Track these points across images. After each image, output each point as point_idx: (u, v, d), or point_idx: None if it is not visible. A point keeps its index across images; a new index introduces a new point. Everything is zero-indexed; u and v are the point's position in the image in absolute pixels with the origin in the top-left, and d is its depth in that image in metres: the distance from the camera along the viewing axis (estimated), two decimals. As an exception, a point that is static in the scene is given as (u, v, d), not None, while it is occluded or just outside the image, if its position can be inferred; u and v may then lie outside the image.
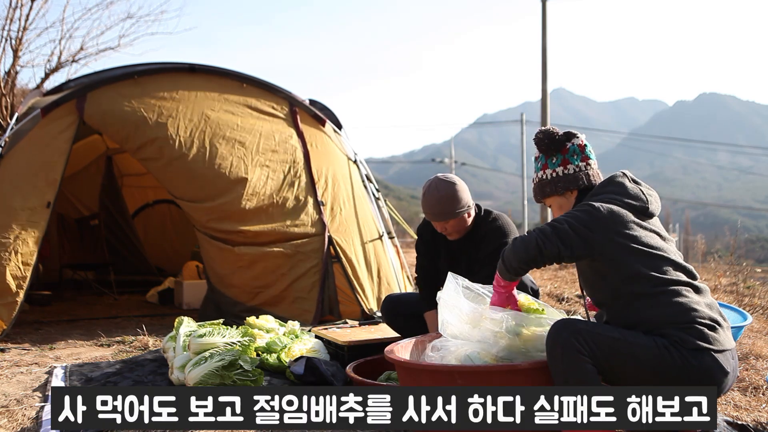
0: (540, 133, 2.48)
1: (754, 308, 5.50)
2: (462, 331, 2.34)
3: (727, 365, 2.11)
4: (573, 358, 2.07)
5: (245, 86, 5.30)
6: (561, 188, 2.43)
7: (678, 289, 2.16)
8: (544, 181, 2.48)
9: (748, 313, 3.76)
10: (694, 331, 2.09)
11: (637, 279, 2.17)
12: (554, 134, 2.46)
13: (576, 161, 2.42)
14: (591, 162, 2.45)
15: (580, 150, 2.44)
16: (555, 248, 2.17)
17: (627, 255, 2.18)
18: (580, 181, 2.41)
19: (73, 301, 6.56)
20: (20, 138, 4.73)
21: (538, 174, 2.51)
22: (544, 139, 2.46)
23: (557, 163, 2.44)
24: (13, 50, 9.83)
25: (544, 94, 16.64)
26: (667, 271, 2.18)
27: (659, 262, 2.19)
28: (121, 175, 8.11)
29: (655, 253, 2.20)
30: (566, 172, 2.42)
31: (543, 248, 2.17)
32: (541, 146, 2.47)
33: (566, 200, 2.45)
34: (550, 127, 2.50)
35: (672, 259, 2.21)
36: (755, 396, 3.13)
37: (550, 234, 2.18)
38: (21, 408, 2.95)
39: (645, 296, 2.16)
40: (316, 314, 4.88)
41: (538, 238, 2.18)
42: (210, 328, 3.34)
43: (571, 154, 2.43)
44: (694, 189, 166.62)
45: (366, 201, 5.61)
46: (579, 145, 2.44)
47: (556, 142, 2.45)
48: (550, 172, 2.46)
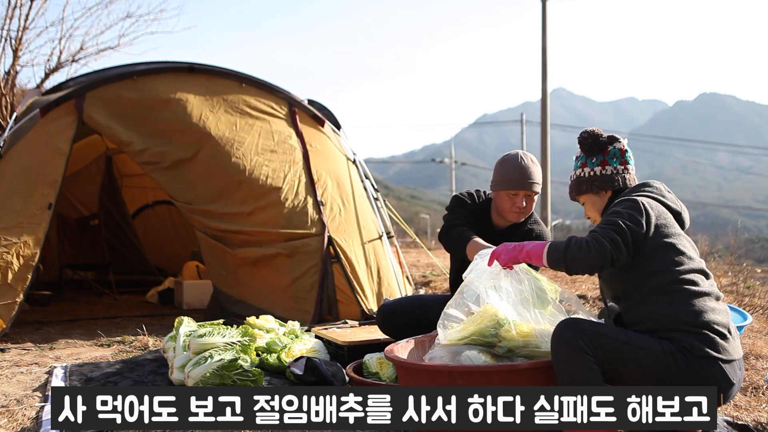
0: (585, 132, 2.55)
1: (754, 308, 5.50)
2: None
3: (734, 376, 2.10)
4: (577, 357, 2.07)
5: (244, 86, 5.30)
6: (597, 187, 2.49)
7: (696, 291, 2.16)
8: (581, 179, 2.53)
9: (748, 313, 3.76)
10: (705, 337, 2.08)
11: (662, 273, 2.18)
12: (599, 136, 2.52)
13: (615, 163, 2.48)
14: (629, 167, 2.51)
15: (621, 154, 2.50)
16: (624, 258, 2.18)
17: (661, 249, 2.21)
18: (615, 183, 2.46)
19: (73, 301, 6.56)
20: (19, 138, 4.73)
21: (576, 171, 2.57)
22: (588, 139, 2.53)
23: (596, 163, 2.50)
24: (12, 50, 9.83)
25: (544, 94, 16.65)
26: (690, 271, 2.20)
27: (685, 261, 2.21)
28: (120, 175, 8.11)
29: (681, 249, 2.22)
30: (604, 173, 2.48)
31: (615, 261, 2.16)
32: (584, 146, 2.54)
33: (600, 199, 2.50)
34: (596, 129, 2.56)
35: (696, 261, 2.24)
36: (755, 396, 3.13)
37: (621, 245, 2.15)
38: (21, 408, 2.95)
39: (664, 292, 2.17)
40: (315, 314, 4.88)
41: (613, 250, 2.14)
42: (210, 328, 3.34)
43: (611, 156, 2.49)
44: (694, 189, 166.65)
45: (365, 201, 5.61)
46: (620, 149, 2.50)
47: (599, 144, 2.51)
48: (589, 170, 2.52)
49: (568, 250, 2.18)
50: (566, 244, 2.19)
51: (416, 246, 14.12)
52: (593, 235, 2.18)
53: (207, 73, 5.23)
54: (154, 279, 7.24)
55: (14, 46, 9.83)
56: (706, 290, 2.18)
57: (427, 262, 10.39)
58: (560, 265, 2.20)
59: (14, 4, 9.66)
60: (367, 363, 3.19)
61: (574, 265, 2.17)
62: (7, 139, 4.75)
